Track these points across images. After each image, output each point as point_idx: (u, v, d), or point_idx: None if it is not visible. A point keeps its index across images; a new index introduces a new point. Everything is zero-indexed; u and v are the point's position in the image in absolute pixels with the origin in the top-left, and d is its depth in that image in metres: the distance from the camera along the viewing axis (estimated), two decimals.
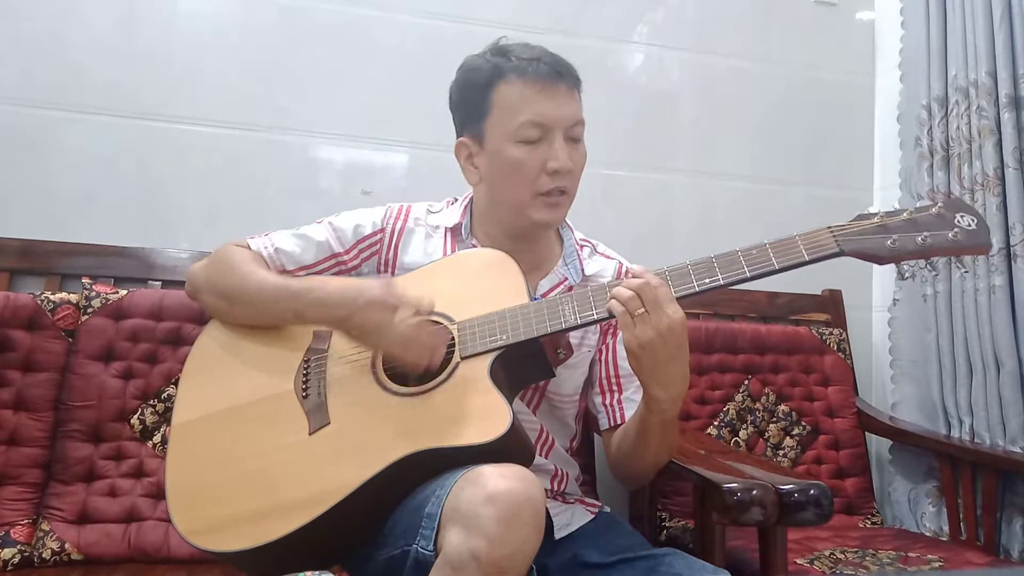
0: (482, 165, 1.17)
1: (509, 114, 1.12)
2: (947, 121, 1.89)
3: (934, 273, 1.02)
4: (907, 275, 1.03)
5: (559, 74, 1.13)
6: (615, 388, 1.21)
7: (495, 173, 1.16)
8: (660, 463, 1.16)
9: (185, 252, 1.72)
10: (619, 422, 1.19)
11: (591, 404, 1.25)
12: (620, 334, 1.21)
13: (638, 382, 1.18)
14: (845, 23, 2.29)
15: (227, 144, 1.83)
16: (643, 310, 0.97)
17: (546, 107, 1.11)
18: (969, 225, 0.97)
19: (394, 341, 1.02)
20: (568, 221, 1.29)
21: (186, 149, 1.81)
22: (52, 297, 1.55)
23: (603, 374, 1.22)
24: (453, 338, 1.06)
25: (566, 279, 1.21)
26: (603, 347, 1.23)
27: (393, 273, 1.21)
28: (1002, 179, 1.75)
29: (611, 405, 1.20)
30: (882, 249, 0.98)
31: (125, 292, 1.58)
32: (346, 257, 1.21)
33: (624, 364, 1.20)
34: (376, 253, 1.23)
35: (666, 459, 1.16)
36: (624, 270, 1.26)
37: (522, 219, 1.16)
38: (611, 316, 1.03)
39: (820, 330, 2.02)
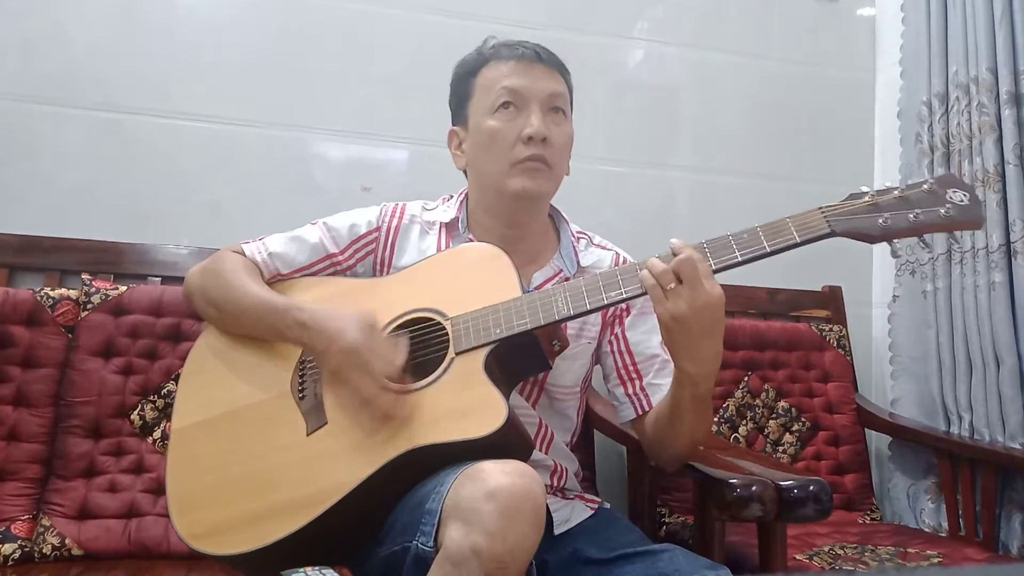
0: (467, 148, 1.20)
1: (488, 90, 1.16)
2: (947, 117, 1.89)
3: (927, 250, 1.01)
4: (899, 253, 1.02)
5: (538, 55, 1.17)
6: (635, 376, 1.20)
7: (476, 149, 1.18)
8: (697, 439, 1.15)
9: (185, 248, 1.72)
10: (646, 409, 1.18)
11: (612, 396, 1.24)
12: (628, 322, 1.22)
13: (657, 365, 1.19)
14: (846, 19, 2.28)
15: (227, 140, 1.82)
16: (674, 284, 0.96)
17: (522, 80, 1.15)
18: (961, 201, 0.96)
19: (353, 392, 1.01)
20: (564, 214, 1.29)
21: (186, 145, 1.80)
22: (52, 293, 1.55)
23: (619, 364, 1.22)
24: (447, 335, 1.06)
25: (561, 271, 1.22)
26: (613, 338, 1.23)
27: (388, 271, 1.22)
28: (1002, 175, 1.75)
29: (635, 394, 1.20)
30: (874, 228, 0.97)
31: (125, 288, 1.58)
32: (341, 257, 1.21)
33: (639, 350, 1.21)
34: (372, 252, 1.23)
35: (703, 434, 1.15)
36: (621, 260, 1.26)
37: (503, 194, 1.17)
38: (603, 307, 1.03)
39: (820, 326, 2.02)
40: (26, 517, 1.42)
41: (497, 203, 1.19)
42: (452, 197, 1.28)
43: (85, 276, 1.59)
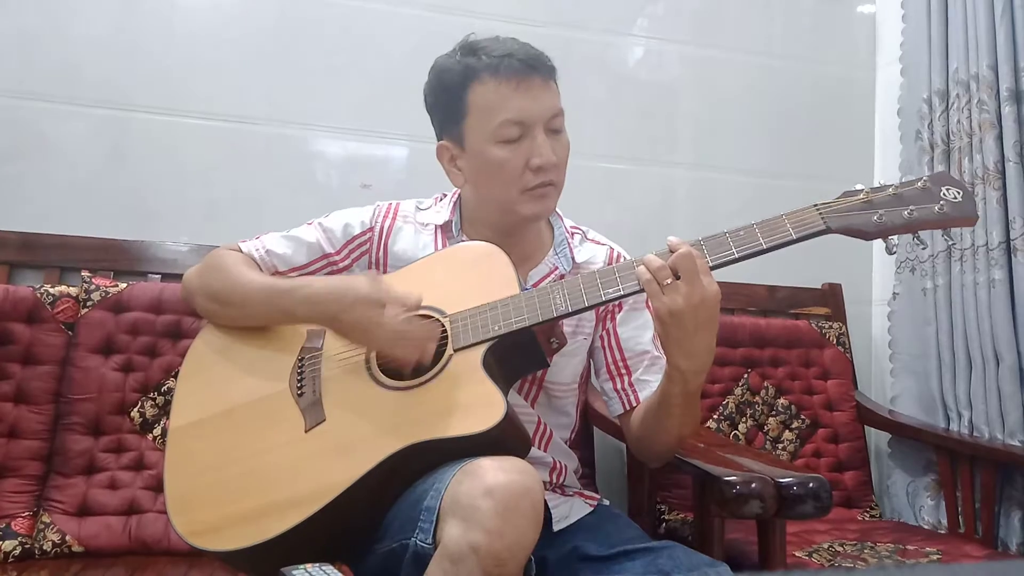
0: (465, 167, 1.17)
1: (487, 115, 1.11)
2: (948, 115, 1.89)
3: (922, 246, 1.02)
4: (895, 250, 1.02)
5: (532, 67, 1.11)
6: (624, 371, 1.21)
7: (479, 174, 1.16)
8: (685, 435, 1.15)
9: (184, 245, 1.72)
10: (634, 404, 1.19)
11: (602, 391, 1.25)
12: (619, 318, 1.22)
13: (647, 361, 1.20)
14: (846, 16, 2.28)
15: (226, 137, 1.82)
16: (671, 280, 0.97)
17: (523, 103, 1.10)
18: (955, 198, 0.97)
19: (383, 338, 1.02)
20: (558, 210, 1.28)
21: (185, 142, 1.80)
22: (52, 290, 1.55)
23: (609, 359, 1.22)
24: (445, 331, 1.06)
25: (556, 268, 1.22)
26: (604, 333, 1.23)
27: (384, 271, 1.21)
28: (1002, 173, 1.75)
29: (623, 389, 1.20)
30: (869, 225, 0.98)
31: (124, 285, 1.58)
32: (337, 257, 1.22)
33: (629, 346, 1.21)
34: (366, 252, 1.23)
35: (690, 431, 1.15)
36: (616, 255, 1.26)
37: (511, 215, 1.16)
38: (600, 303, 1.03)
39: (820, 324, 2.02)
40: (26, 514, 1.42)
41: (500, 219, 1.19)
42: (445, 197, 1.28)
43: (85, 273, 1.59)
